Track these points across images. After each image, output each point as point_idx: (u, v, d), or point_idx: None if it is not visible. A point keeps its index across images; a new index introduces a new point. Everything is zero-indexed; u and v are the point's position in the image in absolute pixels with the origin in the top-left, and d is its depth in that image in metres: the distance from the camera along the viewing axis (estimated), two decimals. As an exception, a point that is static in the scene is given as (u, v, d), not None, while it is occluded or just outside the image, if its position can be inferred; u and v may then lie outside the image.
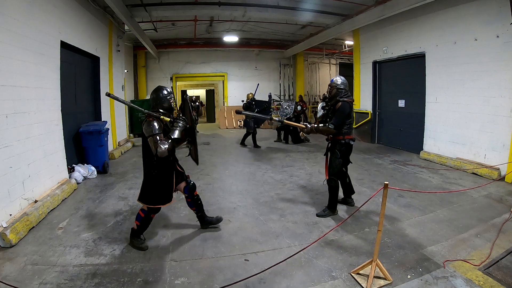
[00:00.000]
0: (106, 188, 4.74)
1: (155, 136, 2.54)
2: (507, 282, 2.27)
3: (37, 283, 2.33)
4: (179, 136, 2.62)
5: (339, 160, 3.45)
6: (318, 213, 3.62)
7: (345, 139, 3.41)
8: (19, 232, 3.02)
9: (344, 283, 2.34)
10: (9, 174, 3.27)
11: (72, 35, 5.14)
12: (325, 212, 3.59)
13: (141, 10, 6.90)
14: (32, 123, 3.79)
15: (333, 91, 3.50)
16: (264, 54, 13.17)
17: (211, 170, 5.83)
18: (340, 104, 3.37)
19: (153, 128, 2.56)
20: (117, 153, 7.13)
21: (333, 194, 3.52)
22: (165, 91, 2.86)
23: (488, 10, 5.03)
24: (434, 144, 6.36)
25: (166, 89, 2.89)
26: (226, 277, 2.42)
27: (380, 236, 2.27)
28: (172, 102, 2.88)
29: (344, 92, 3.45)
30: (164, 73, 12.53)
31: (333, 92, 3.51)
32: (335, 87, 3.48)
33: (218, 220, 3.30)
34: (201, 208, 3.18)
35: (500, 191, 4.31)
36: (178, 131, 2.61)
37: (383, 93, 8.20)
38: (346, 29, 8.31)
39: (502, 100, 4.89)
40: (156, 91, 2.87)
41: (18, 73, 3.55)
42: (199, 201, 3.15)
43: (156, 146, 2.51)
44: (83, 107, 6.06)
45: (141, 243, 2.89)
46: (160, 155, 2.52)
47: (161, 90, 2.86)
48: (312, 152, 7.39)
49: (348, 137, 3.43)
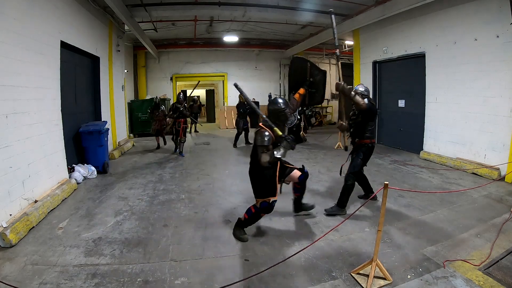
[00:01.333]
0: (106, 188, 4.74)
1: (263, 148, 2.77)
2: (507, 282, 2.27)
3: (37, 283, 2.33)
4: (283, 156, 2.80)
5: (361, 160, 3.62)
6: (326, 209, 3.65)
7: (371, 143, 3.63)
8: (19, 232, 3.02)
9: (344, 283, 2.34)
10: (9, 174, 3.27)
11: (72, 35, 5.14)
12: (333, 209, 3.62)
13: (141, 10, 6.90)
14: (32, 123, 3.79)
15: None
16: (264, 54, 13.16)
17: (211, 170, 5.83)
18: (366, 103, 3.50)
19: (265, 139, 2.77)
20: (117, 153, 7.13)
21: (345, 193, 3.58)
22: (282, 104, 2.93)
23: (488, 10, 5.03)
24: (434, 144, 6.36)
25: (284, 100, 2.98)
26: (226, 277, 2.42)
27: (380, 236, 2.27)
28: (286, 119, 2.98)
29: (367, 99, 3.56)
30: (164, 73, 12.53)
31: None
32: (359, 94, 3.56)
33: (312, 207, 3.59)
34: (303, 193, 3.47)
35: (500, 191, 4.31)
36: (283, 151, 2.79)
37: (383, 93, 8.20)
38: (346, 29, 8.31)
39: (502, 100, 4.89)
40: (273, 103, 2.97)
41: (18, 73, 3.55)
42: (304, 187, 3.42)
43: (260, 157, 2.78)
44: (83, 107, 6.06)
45: (243, 233, 3.06)
46: (262, 164, 2.78)
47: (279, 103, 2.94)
48: (312, 152, 7.39)
49: (373, 141, 3.66)
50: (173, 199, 4.24)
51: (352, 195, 3.84)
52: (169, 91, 12.48)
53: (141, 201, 4.17)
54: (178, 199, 4.23)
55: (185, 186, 4.82)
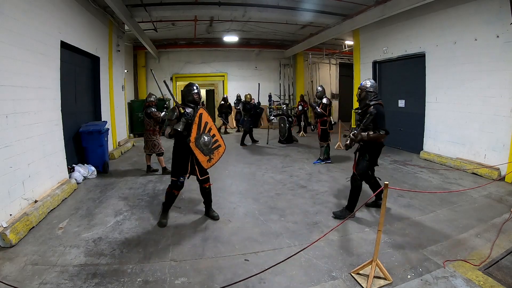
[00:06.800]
0: (106, 188, 4.74)
1: (168, 121, 3.30)
2: (507, 282, 2.27)
3: (37, 283, 2.33)
4: (180, 129, 3.20)
5: (367, 162, 3.41)
6: (334, 212, 3.58)
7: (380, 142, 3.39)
8: (19, 232, 3.02)
9: (344, 283, 2.34)
10: (9, 174, 3.27)
11: (72, 35, 5.14)
12: (342, 212, 3.52)
13: (141, 10, 6.90)
14: (32, 123, 3.79)
15: (363, 94, 3.48)
16: (264, 54, 13.15)
17: (211, 170, 5.77)
18: (372, 108, 3.31)
19: (170, 114, 3.28)
20: (117, 153, 7.13)
21: (354, 194, 3.45)
22: (193, 87, 3.39)
23: (488, 10, 5.03)
24: (434, 144, 6.36)
25: (195, 86, 3.42)
26: (226, 277, 2.42)
27: (380, 236, 2.27)
28: (196, 97, 3.38)
29: (373, 95, 3.43)
30: (164, 73, 12.51)
31: (362, 95, 3.49)
32: (364, 90, 3.46)
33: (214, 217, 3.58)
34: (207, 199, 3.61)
35: (500, 191, 4.31)
36: (182, 124, 3.22)
37: (383, 93, 8.17)
38: (346, 29, 8.31)
39: (502, 100, 4.89)
40: (185, 86, 3.44)
41: (18, 73, 3.55)
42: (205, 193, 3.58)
43: (164, 129, 3.48)
44: (83, 107, 6.06)
45: (162, 218, 3.43)
46: (165, 136, 3.36)
47: (189, 86, 3.42)
48: (312, 152, 7.38)
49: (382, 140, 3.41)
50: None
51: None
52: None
53: (141, 201, 4.17)
54: (178, 199, 4.20)
55: (185, 186, 4.78)
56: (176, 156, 3.36)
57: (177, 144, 3.34)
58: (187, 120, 3.20)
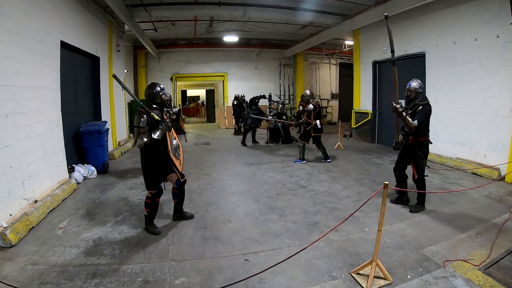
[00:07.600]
0: (106, 188, 4.74)
1: (139, 129, 2.88)
2: (507, 282, 2.27)
3: (37, 283, 2.33)
4: (159, 138, 2.90)
5: (424, 161, 3.64)
6: (411, 210, 3.68)
7: (426, 140, 3.61)
8: (19, 232, 3.02)
9: (344, 283, 2.34)
10: (9, 174, 3.27)
11: (72, 35, 5.14)
12: (417, 207, 3.68)
13: (141, 10, 6.90)
14: (32, 123, 3.79)
15: (412, 95, 3.64)
16: (264, 54, 13.16)
17: (211, 170, 5.84)
18: (422, 107, 3.48)
19: (139, 121, 2.88)
20: (117, 153, 7.13)
21: (423, 191, 3.64)
22: (158, 88, 3.09)
23: (488, 10, 5.03)
24: (434, 144, 6.27)
25: (159, 86, 3.12)
26: (226, 277, 2.42)
27: (380, 236, 2.27)
28: (164, 98, 3.11)
29: (422, 96, 3.56)
30: (164, 73, 12.53)
31: (412, 96, 3.65)
32: (414, 91, 3.59)
33: (191, 217, 3.55)
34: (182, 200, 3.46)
35: (500, 191, 4.31)
36: (159, 133, 2.91)
37: (383, 93, 8.20)
38: (346, 29, 8.31)
39: (502, 100, 4.89)
40: (149, 88, 3.11)
41: (18, 73, 3.55)
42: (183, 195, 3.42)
43: (137, 138, 2.88)
44: (83, 107, 6.06)
45: (154, 228, 3.19)
46: (138, 146, 2.88)
47: (154, 87, 3.09)
48: (312, 151, 7.38)
49: (427, 138, 3.64)
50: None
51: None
52: (169, 91, 12.48)
53: (141, 201, 4.16)
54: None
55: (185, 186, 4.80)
56: (149, 167, 3.05)
57: (148, 154, 3.01)
58: (163, 130, 2.93)
